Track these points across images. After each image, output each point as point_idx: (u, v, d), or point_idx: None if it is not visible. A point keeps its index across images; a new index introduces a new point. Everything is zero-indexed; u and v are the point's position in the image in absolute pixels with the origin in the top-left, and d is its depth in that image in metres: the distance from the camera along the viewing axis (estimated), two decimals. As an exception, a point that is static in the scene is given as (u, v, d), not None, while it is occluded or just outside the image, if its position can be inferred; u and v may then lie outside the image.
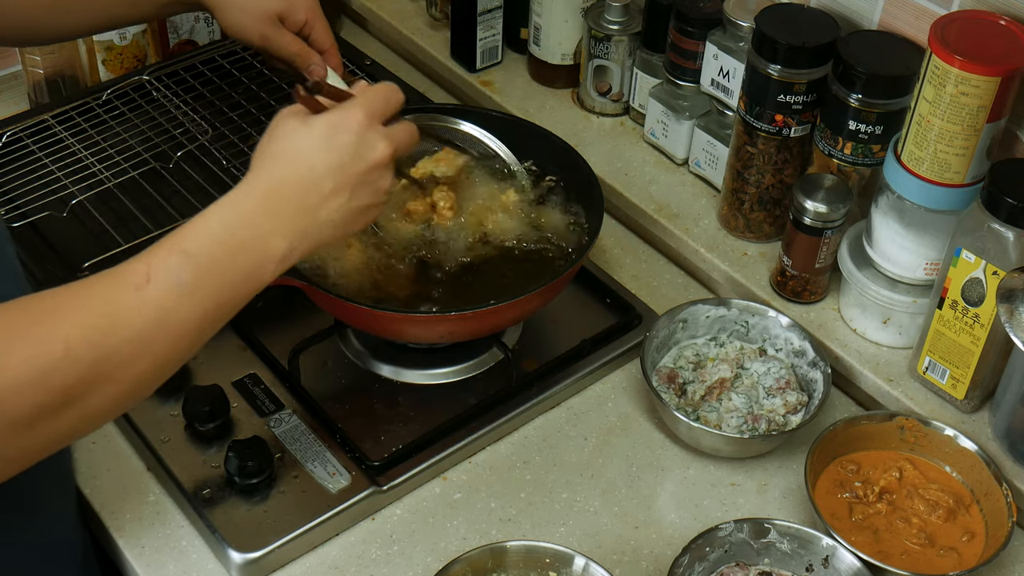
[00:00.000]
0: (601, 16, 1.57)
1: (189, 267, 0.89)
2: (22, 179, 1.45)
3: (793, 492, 1.24)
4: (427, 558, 1.16)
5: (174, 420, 1.24)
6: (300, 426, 1.23)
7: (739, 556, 1.13)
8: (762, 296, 1.37)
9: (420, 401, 1.28)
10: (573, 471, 1.25)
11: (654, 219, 1.48)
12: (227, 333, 1.33)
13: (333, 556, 1.16)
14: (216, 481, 1.18)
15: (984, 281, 1.16)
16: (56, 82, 1.60)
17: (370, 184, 1.00)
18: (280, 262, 0.95)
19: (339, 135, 0.98)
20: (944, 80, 1.13)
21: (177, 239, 0.91)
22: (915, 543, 1.16)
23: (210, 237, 0.91)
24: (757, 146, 1.37)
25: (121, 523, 1.17)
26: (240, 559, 1.12)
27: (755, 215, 1.42)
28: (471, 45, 1.67)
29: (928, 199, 1.21)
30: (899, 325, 1.31)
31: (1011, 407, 1.21)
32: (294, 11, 1.27)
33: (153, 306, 0.87)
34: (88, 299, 0.86)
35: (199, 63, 1.65)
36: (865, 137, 1.28)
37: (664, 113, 1.53)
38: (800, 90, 1.31)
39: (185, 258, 0.89)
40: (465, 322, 1.22)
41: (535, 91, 1.68)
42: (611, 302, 1.39)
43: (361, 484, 1.19)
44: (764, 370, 1.30)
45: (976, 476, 1.20)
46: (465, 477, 1.24)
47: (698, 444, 1.25)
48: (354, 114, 1.00)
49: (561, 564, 1.09)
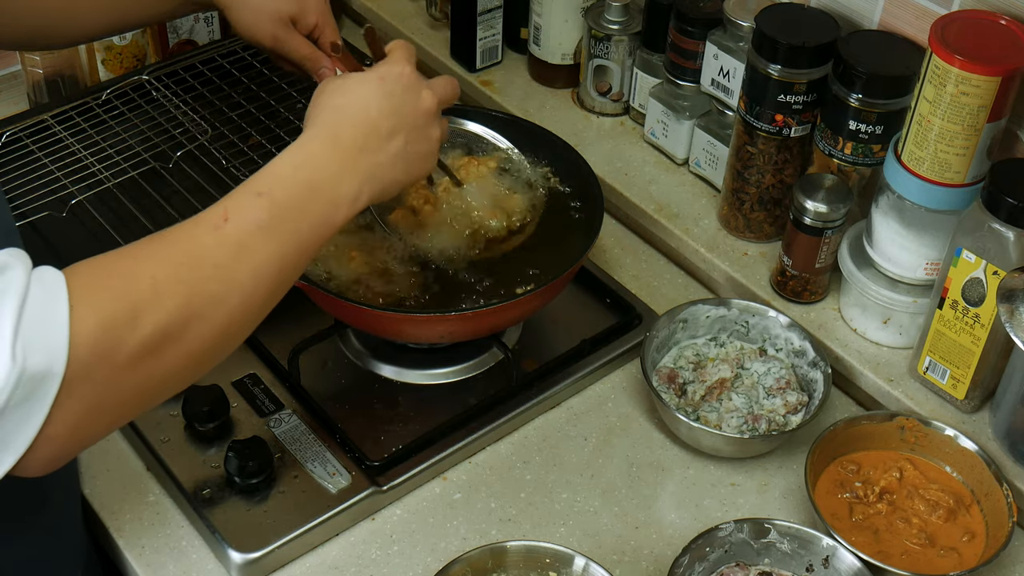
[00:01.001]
0: (601, 16, 1.57)
1: (264, 207, 0.92)
2: (22, 179, 1.45)
3: (793, 492, 1.24)
4: (427, 558, 1.16)
5: (174, 420, 1.24)
6: (300, 426, 1.23)
7: (739, 556, 1.13)
8: (762, 296, 1.37)
9: (420, 401, 1.28)
10: (573, 471, 1.25)
11: (654, 219, 1.48)
12: (227, 333, 1.33)
13: (333, 556, 1.16)
14: (216, 481, 1.18)
15: (984, 281, 1.16)
16: (56, 82, 1.60)
17: (423, 129, 1.05)
18: (351, 203, 0.98)
19: (389, 83, 1.03)
20: (944, 80, 1.13)
21: (252, 183, 0.94)
22: (915, 543, 1.16)
23: (283, 179, 0.95)
24: (757, 146, 1.37)
25: (121, 523, 1.17)
26: (240, 559, 1.12)
27: (755, 215, 1.42)
28: (471, 45, 1.67)
29: (928, 199, 1.21)
30: (899, 325, 1.31)
31: (1011, 407, 1.21)
32: (305, 14, 1.28)
33: (233, 242, 0.90)
34: (172, 242, 0.89)
35: (199, 63, 1.65)
36: (865, 137, 1.28)
37: (664, 113, 1.53)
38: (800, 90, 1.31)
39: (259, 199, 0.92)
40: (465, 322, 1.22)
41: (535, 91, 1.68)
42: (611, 302, 1.39)
43: (361, 484, 1.18)
44: (764, 370, 1.29)
45: (976, 476, 1.20)
46: (465, 477, 1.24)
47: (698, 444, 1.25)
48: (400, 66, 1.05)
49: (561, 564, 1.09)
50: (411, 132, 1.04)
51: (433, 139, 1.07)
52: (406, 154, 1.04)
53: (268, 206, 0.92)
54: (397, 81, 1.04)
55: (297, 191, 0.95)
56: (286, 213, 0.93)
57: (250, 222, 0.91)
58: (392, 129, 1.02)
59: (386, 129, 1.02)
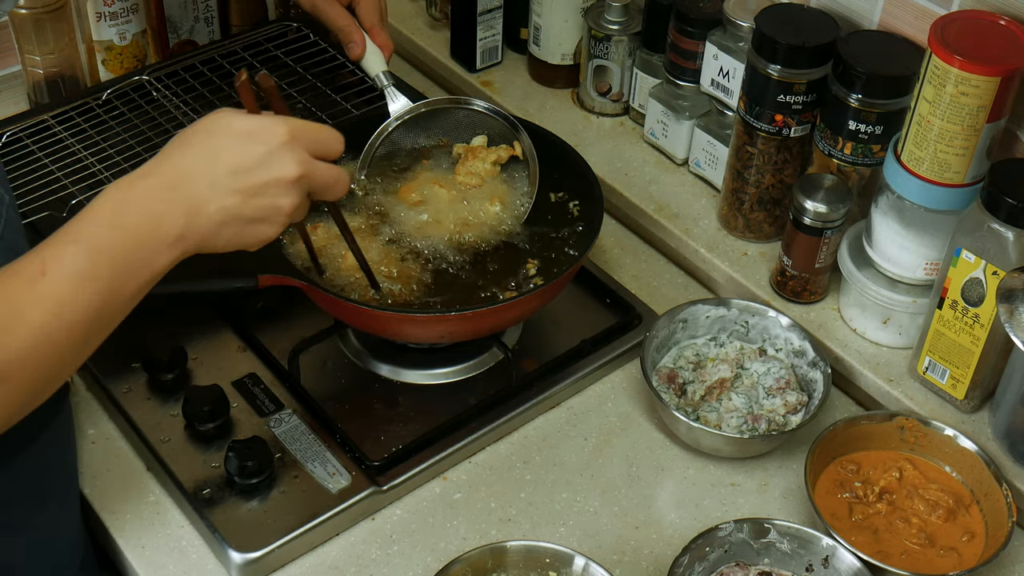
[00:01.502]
0: (601, 16, 1.57)
1: (80, 255, 0.88)
2: (22, 179, 1.45)
3: (793, 492, 1.24)
4: (427, 558, 1.16)
5: (174, 420, 1.24)
6: (300, 426, 1.23)
7: (739, 556, 1.13)
8: (762, 296, 1.37)
9: (420, 401, 1.28)
10: (573, 471, 1.25)
11: (654, 219, 1.48)
12: (227, 333, 1.33)
13: (333, 556, 1.16)
14: (216, 481, 1.18)
15: (984, 281, 1.16)
16: (56, 82, 1.60)
17: (268, 198, 0.96)
18: (171, 248, 0.93)
19: (253, 140, 0.95)
20: (944, 80, 1.13)
21: (70, 228, 0.90)
22: (915, 543, 1.16)
23: (102, 224, 0.90)
24: (757, 146, 1.37)
25: (121, 523, 1.17)
26: (240, 559, 1.12)
27: (755, 215, 1.42)
28: (471, 45, 1.67)
29: (928, 199, 1.21)
30: (899, 325, 1.31)
31: (1011, 407, 1.21)
32: None
33: (49, 299, 0.86)
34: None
35: (199, 63, 1.64)
36: (865, 137, 1.28)
37: (664, 113, 1.53)
38: (800, 90, 1.31)
39: (78, 247, 0.88)
40: (465, 322, 1.22)
41: (535, 91, 1.68)
42: (611, 302, 1.39)
43: (361, 484, 1.18)
44: (764, 370, 1.30)
45: (976, 476, 1.20)
46: (465, 477, 1.24)
47: (698, 444, 1.25)
48: (277, 127, 0.96)
49: (561, 564, 1.09)
50: (252, 197, 0.95)
51: (278, 211, 0.97)
52: (237, 215, 0.95)
53: (86, 254, 0.88)
54: (264, 141, 0.95)
55: (117, 235, 0.90)
56: (105, 257, 0.89)
57: (67, 274, 0.87)
58: (232, 188, 0.94)
59: (224, 187, 0.94)
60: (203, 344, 1.32)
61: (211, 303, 1.35)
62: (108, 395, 1.26)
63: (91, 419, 1.27)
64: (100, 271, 0.88)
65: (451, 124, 1.40)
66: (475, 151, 1.36)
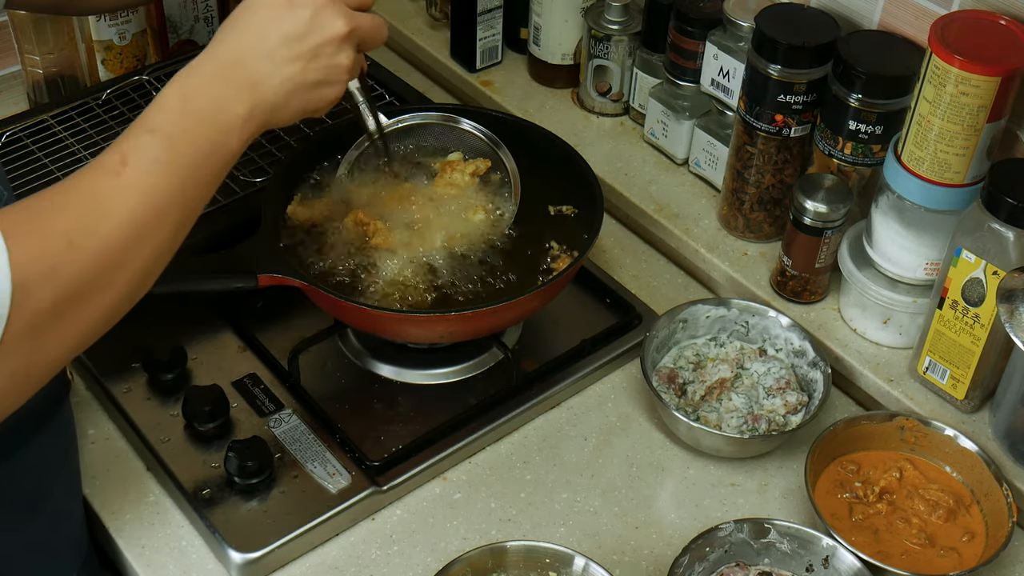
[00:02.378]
0: (601, 16, 1.57)
1: (158, 143, 0.90)
2: (22, 179, 1.45)
3: (793, 492, 1.24)
4: (427, 558, 1.16)
5: (174, 420, 1.24)
6: (300, 426, 1.23)
7: (739, 556, 1.13)
8: (762, 296, 1.37)
9: (420, 401, 1.28)
10: (573, 471, 1.25)
11: (654, 219, 1.48)
12: (227, 333, 1.33)
13: (333, 556, 1.16)
14: (216, 481, 1.18)
15: (984, 281, 1.16)
16: (56, 82, 1.60)
17: (325, 58, 1.00)
18: (242, 128, 0.95)
19: (296, 5, 0.99)
20: (944, 80, 1.13)
21: (142, 121, 0.92)
22: (915, 543, 1.16)
23: (171, 112, 0.92)
24: (757, 146, 1.37)
25: (121, 523, 1.17)
26: (240, 559, 1.12)
27: (755, 215, 1.42)
28: (471, 45, 1.67)
29: (928, 199, 1.21)
30: (899, 325, 1.31)
31: (1011, 407, 1.21)
32: None
33: (135, 187, 0.88)
34: (77, 194, 0.87)
35: (199, 63, 1.64)
36: (865, 137, 1.28)
37: (664, 113, 1.53)
38: (800, 90, 1.31)
39: (152, 136, 0.90)
40: (465, 322, 1.22)
41: (535, 91, 1.68)
42: (611, 302, 1.39)
43: (361, 484, 1.18)
44: (764, 370, 1.30)
45: (976, 476, 1.20)
46: (465, 477, 1.24)
47: (698, 444, 1.25)
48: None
49: (561, 564, 1.09)
50: (311, 60, 0.99)
51: (337, 68, 1.01)
52: (301, 81, 0.99)
53: (162, 142, 0.90)
54: (306, 5, 0.99)
55: (189, 121, 0.92)
56: (181, 144, 0.91)
57: (147, 162, 0.89)
58: (289, 57, 0.98)
59: (282, 56, 0.97)
60: (203, 344, 1.32)
61: (211, 303, 1.35)
62: (108, 395, 1.26)
63: (91, 419, 1.27)
64: (179, 157, 0.91)
65: (433, 136, 1.39)
66: (452, 164, 1.36)
